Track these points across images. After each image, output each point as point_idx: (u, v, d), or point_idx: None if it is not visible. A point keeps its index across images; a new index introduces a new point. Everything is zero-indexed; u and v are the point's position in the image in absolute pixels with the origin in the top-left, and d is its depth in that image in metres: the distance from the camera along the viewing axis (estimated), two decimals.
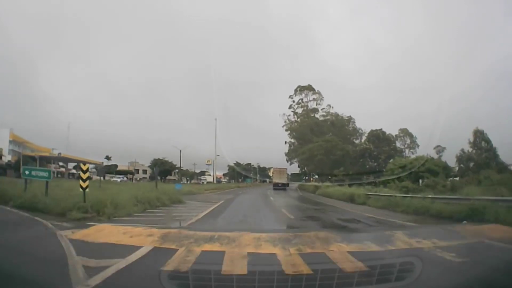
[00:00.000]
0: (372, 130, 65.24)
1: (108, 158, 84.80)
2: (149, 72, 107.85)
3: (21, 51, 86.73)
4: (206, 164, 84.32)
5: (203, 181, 79.94)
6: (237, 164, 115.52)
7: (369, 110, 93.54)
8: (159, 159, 76.62)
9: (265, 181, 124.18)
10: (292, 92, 68.49)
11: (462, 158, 54.81)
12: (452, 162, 53.29)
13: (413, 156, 57.37)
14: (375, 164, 65.73)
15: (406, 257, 4.81)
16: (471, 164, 53.31)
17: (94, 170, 75.99)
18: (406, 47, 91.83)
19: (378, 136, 64.83)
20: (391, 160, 56.94)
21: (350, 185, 40.20)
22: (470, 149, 54.12)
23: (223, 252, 5.58)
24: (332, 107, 68.09)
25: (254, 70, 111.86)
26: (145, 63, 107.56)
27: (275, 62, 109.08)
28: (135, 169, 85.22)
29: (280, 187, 50.93)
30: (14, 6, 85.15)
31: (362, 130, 69.48)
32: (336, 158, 57.46)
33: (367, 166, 67.35)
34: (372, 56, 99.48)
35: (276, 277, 3.74)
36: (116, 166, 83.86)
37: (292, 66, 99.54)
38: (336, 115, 67.30)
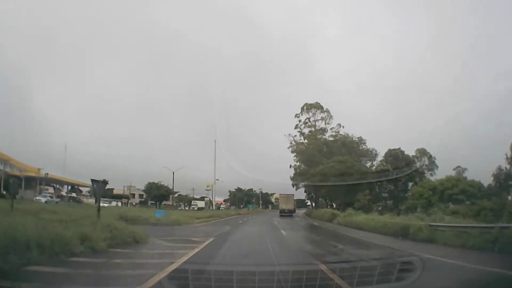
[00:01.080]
0: (390, 150, 57.22)
1: (105, 182, 79.82)
2: (146, 93, 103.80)
3: (16, 69, 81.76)
4: (206, 190, 78.14)
5: (193, 207, 71.81)
6: (239, 190, 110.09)
7: (378, 132, 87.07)
8: (154, 183, 70.09)
9: (268, 207, 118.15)
10: (298, 111, 61.64)
11: (499, 175, 47.16)
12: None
13: (433, 178, 50.27)
14: (393, 187, 57.68)
15: (406, 257, 4.86)
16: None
17: (87, 194, 69.21)
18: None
19: (396, 156, 56.64)
20: (418, 182, 49.26)
21: (380, 213, 32.08)
22: (508, 166, 46.78)
23: None
24: (343, 127, 60.76)
25: (254, 91, 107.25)
26: (142, 84, 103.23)
27: (275, 84, 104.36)
28: (131, 193, 78.86)
29: (287, 214, 49.77)
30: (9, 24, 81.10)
31: (376, 151, 61.48)
32: (353, 181, 49.22)
33: (386, 190, 59.18)
34: (375, 75, 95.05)
35: (276, 277, 3.66)
36: (112, 190, 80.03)
37: (293, 88, 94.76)
38: (346, 136, 59.86)
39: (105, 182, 13.38)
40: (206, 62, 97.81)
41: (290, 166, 63.26)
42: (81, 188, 66.52)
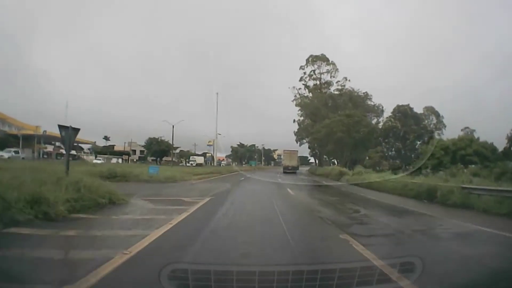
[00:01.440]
0: (398, 106, 53.83)
1: (106, 138, 76.91)
2: (146, 47, 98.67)
3: (13, 26, 79.61)
4: (208, 145, 75.93)
5: (192, 162, 69.99)
6: (241, 145, 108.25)
7: (384, 89, 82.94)
8: (154, 138, 67.90)
9: (270, 163, 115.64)
10: (303, 64, 57.39)
11: None
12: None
13: (440, 138, 47.35)
14: (401, 145, 55.17)
15: (406, 257, 4.32)
16: None
17: (87, 151, 66.93)
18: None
19: (405, 113, 53.44)
20: (428, 141, 46.64)
21: (394, 172, 29.82)
22: None
23: None
24: (349, 80, 56.72)
25: (256, 44, 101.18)
26: (141, 37, 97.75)
27: (276, 35, 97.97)
28: (132, 150, 77.70)
29: (290, 170, 47.59)
30: None
31: (382, 107, 57.93)
32: (361, 137, 46.68)
33: (393, 148, 56.77)
34: (381, 31, 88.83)
35: (276, 277, 3.48)
36: (112, 146, 78.00)
37: (297, 41, 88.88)
38: (352, 90, 56.17)
39: (76, 129, 10.74)
40: (207, 14, 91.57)
41: (294, 121, 60.67)
42: (82, 145, 64.50)
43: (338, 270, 3.48)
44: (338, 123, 46.30)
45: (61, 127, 11.10)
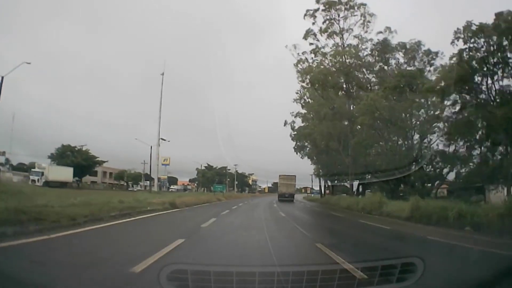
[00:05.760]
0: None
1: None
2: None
3: None
4: (163, 164, 53.80)
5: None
6: (209, 167, 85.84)
7: None
8: (69, 145, 45.12)
9: (244, 190, 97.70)
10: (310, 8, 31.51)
11: None
12: None
13: None
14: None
15: (407, 258, 4.08)
16: None
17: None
18: None
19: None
20: None
21: None
22: None
23: None
24: (395, 32, 30.22)
25: None
26: None
27: None
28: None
29: (287, 198, 42.88)
30: None
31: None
32: None
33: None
34: None
35: (276, 278, 3.49)
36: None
37: None
38: (403, 45, 29.43)
39: None
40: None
41: (292, 113, 39.31)
42: None
43: (339, 271, 3.51)
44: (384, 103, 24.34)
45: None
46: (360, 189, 33.38)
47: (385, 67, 28.47)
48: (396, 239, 10.54)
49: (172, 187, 71.11)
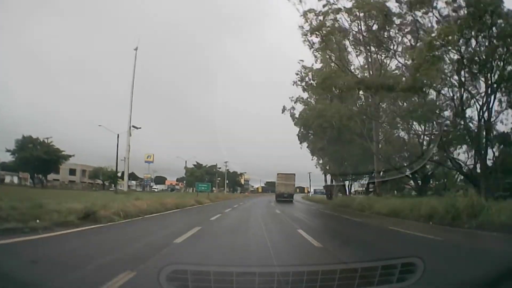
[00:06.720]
0: None
1: None
2: None
3: None
4: (146, 161, 50.77)
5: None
6: (198, 165, 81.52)
7: None
8: (30, 137, 38.86)
9: (236, 190, 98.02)
10: None
11: None
12: None
13: None
14: None
15: (407, 258, 3.77)
16: None
17: None
18: None
19: None
20: None
21: None
22: None
23: None
24: None
25: None
26: None
27: None
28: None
29: (286, 198, 39.69)
30: None
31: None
32: None
33: None
34: None
35: (276, 278, 3.37)
36: None
37: None
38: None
39: None
40: None
41: (291, 99, 32.09)
42: None
43: (339, 271, 3.34)
44: None
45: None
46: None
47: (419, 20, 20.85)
48: None
49: (154, 186, 63.98)
